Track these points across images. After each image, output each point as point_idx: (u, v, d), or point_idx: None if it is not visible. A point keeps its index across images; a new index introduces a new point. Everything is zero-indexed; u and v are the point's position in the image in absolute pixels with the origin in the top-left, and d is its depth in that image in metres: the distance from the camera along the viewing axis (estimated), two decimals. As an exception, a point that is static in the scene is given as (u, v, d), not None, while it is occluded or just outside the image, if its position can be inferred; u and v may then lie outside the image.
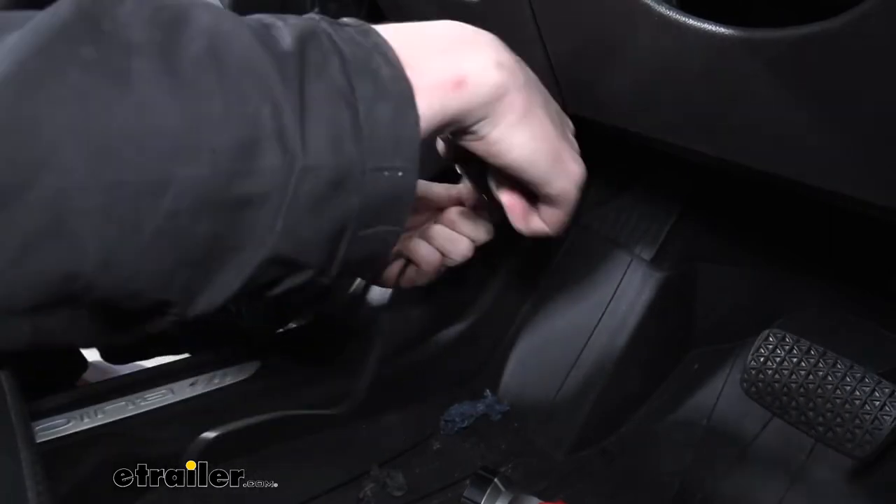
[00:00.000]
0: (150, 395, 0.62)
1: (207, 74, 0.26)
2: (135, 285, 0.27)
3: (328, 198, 0.29)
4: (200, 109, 0.26)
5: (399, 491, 0.60)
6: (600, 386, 0.68)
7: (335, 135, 0.28)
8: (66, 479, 0.54)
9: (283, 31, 0.29)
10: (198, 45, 0.26)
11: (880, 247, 0.66)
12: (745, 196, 0.67)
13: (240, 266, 0.28)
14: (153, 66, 0.25)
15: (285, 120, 0.27)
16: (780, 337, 0.58)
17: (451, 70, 0.33)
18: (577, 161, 0.41)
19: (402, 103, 0.30)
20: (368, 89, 0.29)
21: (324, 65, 0.29)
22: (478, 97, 0.34)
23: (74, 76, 0.24)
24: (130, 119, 0.24)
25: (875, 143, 0.35)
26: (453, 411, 0.69)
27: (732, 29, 0.36)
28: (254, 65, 0.27)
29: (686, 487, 0.62)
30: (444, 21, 0.36)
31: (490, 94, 0.35)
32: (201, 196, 0.26)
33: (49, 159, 0.23)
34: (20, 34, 0.24)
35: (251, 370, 0.68)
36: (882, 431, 0.52)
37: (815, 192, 0.42)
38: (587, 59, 0.49)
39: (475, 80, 0.34)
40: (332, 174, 0.28)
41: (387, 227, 0.31)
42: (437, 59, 0.33)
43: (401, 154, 0.30)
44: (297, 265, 0.30)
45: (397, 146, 0.30)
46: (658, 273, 0.70)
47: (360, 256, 0.32)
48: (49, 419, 0.58)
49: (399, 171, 0.30)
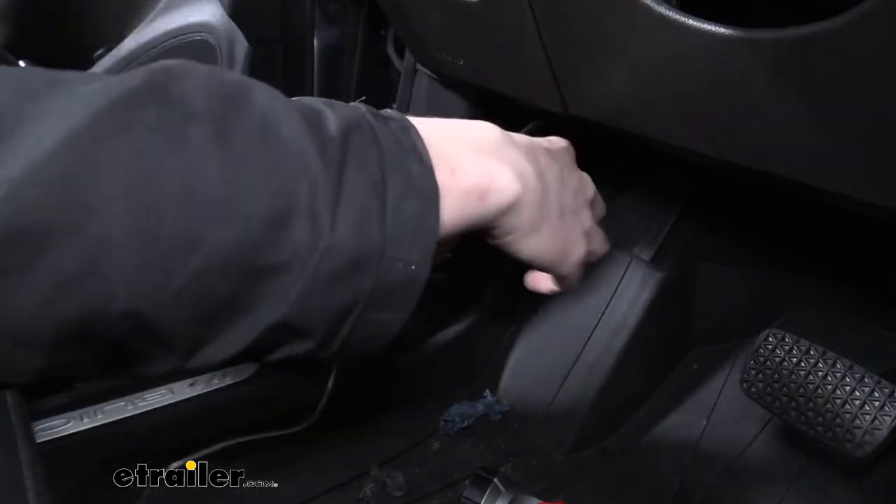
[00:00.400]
0: (149, 395, 0.62)
1: (255, 147, 0.28)
2: (151, 333, 0.28)
3: (345, 277, 0.30)
4: (244, 178, 0.28)
5: (399, 491, 0.60)
6: (600, 386, 0.68)
7: (362, 220, 0.30)
8: (66, 478, 0.54)
9: (331, 120, 0.31)
10: (252, 120, 0.29)
11: (880, 247, 0.66)
12: (744, 196, 0.67)
13: (248, 328, 0.29)
14: (208, 133, 0.27)
15: (320, 198, 0.29)
16: (779, 337, 0.58)
17: (478, 178, 0.35)
18: (581, 243, 0.43)
19: (427, 202, 0.33)
20: (399, 184, 0.31)
21: (363, 155, 0.31)
22: (497, 208, 0.37)
23: (137, 135, 0.26)
24: (178, 179, 0.26)
25: (875, 143, 0.35)
26: (453, 411, 0.69)
27: (732, 29, 0.36)
28: (300, 144, 0.29)
29: (686, 487, 0.62)
30: (479, 122, 0.39)
31: (508, 205, 0.37)
32: (229, 259, 0.28)
33: (100, 208, 0.25)
34: (92, 90, 0.27)
35: (250, 370, 0.68)
36: (881, 431, 0.52)
37: (815, 193, 0.42)
38: (587, 60, 0.49)
39: (498, 191, 0.36)
40: (352, 256, 0.30)
41: (392, 314, 0.33)
42: (467, 163, 0.35)
43: (417, 249, 0.32)
44: (301, 334, 0.31)
45: (416, 241, 0.32)
46: (658, 273, 0.70)
47: (362, 338, 0.33)
48: (49, 419, 0.58)
49: (413, 264, 0.32)
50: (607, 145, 0.66)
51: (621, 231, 0.73)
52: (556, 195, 0.42)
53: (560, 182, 0.42)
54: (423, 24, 0.63)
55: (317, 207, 0.29)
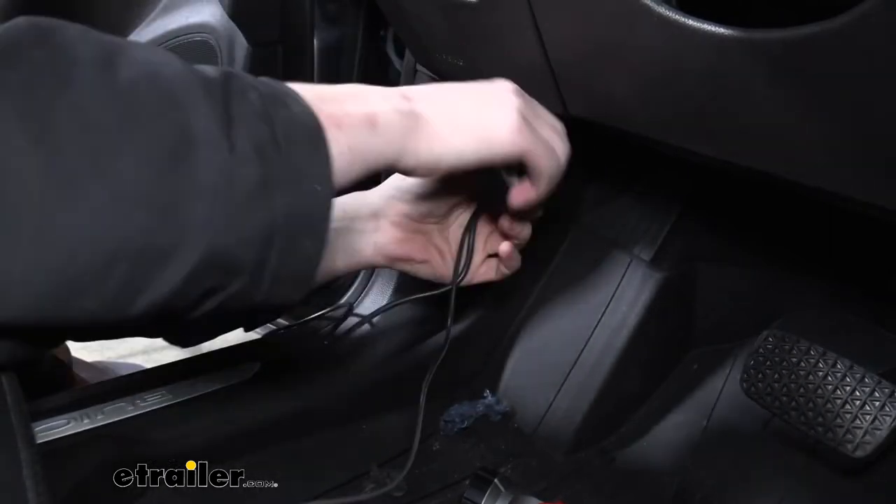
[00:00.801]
0: (150, 396, 0.62)
1: (142, 85, 0.30)
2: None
3: (256, 198, 0.32)
4: (136, 110, 0.29)
5: (399, 491, 0.60)
6: (600, 386, 0.68)
7: (258, 145, 0.32)
8: (67, 479, 0.54)
9: (208, 68, 0.34)
10: (134, 64, 0.30)
11: (880, 247, 0.66)
12: (744, 196, 0.67)
13: (177, 266, 0.30)
14: (94, 73, 0.29)
15: (213, 126, 0.31)
16: (779, 337, 0.58)
17: (361, 109, 0.38)
18: (507, 118, 0.43)
19: (313, 130, 0.35)
20: (284, 117, 0.33)
21: (244, 93, 0.33)
22: (393, 131, 0.38)
23: (24, 69, 0.27)
24: (66, 115, 0.27)
25: (875, 143, 0.35)
26: (453, 412, 0.69)
27: (732, 29, 0.36)
28: (184, 82, 0.31)
29: (685, 488, 0.62)
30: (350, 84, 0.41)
31: (403, 124, 0.39)
32: (140, 195, 0.29)
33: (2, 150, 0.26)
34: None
35: (251, 371, 0.68)
36: (882, 432, 0.52)
37: (814, 193, 0.42)
38: (587, 60, 0.49)
39: (386, 118, 0.38)
40: (257, 177, 0.32)
41: (310, 243, 0.35)
42: (347, 103, 0.38)
43: (317, 170, 0.34)
44: (230, 269, 0.32)
45: (313, 162, 0.34)
46: (658, 273, 0.70)
47: (289, 272, 0.35)
48: (49, 419, 0.58)
49: (317, 184, 0.34)
50: (607, 146, 0.66)
51: (621, 231, 0.73)
52: (457, 93, 0.43)
53: (460, 84, 0.44)
54: (423, 24, 0.63)
55: (212, 133, 0.31)
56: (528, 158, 0.44)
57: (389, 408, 0.70)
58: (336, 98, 0.37)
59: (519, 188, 0.48)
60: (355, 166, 0.37)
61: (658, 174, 0.76)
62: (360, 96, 0.39)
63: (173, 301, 0.31)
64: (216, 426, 0.61)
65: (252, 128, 0.32)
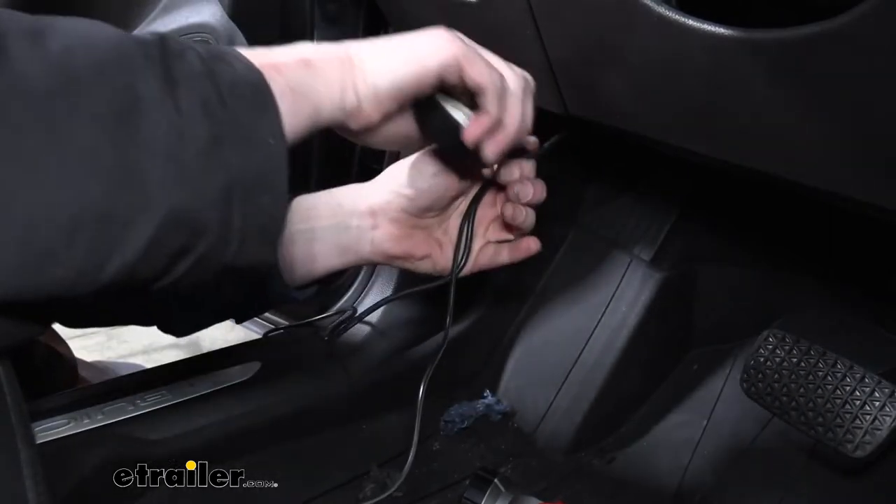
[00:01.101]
0: (150, 396, 0.62)
1: (79, 53, 0.30)
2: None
3: (210, 154, 0.32)
4: (75, 79, 0.29)
5: (399, 491, 0.60)
6: (600, 386, 0.68)
7: (204, 103, 0.32)
8: (67, 479, 0.54)
9: (142, 34, 0.34)
10: (66, 36, 0.30)
11: (880, 247, 0.66)
12: (744, 197, 0.67)
13: (141, 227, 0.31)
14: (25, 46, 0.29)
15: (156, 88, 0.31)
16: (779, 337, 0.58)
17: (294, 54, 0.39)
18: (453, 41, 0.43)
19: (258, 85, 0.35)
20: (226, 72, 0.34)
21: (182, 53, 0.33)
22: (330, 70, 0.39)
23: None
24: (5, 89, 0.28)
25: (874, 143, 0.35)
26: (453, 412, 0.69)
27: (731, 29, 0.36)
28: (121, 47, 0.32)
29: (685, 488, 0.62)
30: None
31: (338, 63, 0.40)
32: (96, 162, 0.29)
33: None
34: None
35: (251, 371, 0.68)
36: (882, 432, 0.52)
37: (814, 193, 0.42)
38: (587, 59, 0.49)
39: (320, 59, 0.39)
40: (208, 132, 0.32)
41: (270, 197, 0.35)
42: (285, 54, 0.38)
43: (267, 121, 0.34)
44: (195, 228, 0.33)
45: (262, 115, 0.34)
46: (658, 273, 0.70)
47: (254, 229, 0.35)
48: (50, 419, 0.58)
49: (269, 136, 0.34)
50: (607, 146, 0.66)
51: (621, 231, 0.73)
52: (391, 42, 0.43)
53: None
54: (422, 23, 0.63)
55: (156, 95, 0.31)
56: (463, 69, 0.42)
57: (389, 408, 0.70)
58: (273, 51, 0.38)
59: (473, 121, 0.44)
60: (302, 111, 0.38)
61: (658, 175, 0.76)
62: (296, 47, 0.40)
63: (143, 265, 0.32)
64: (216, 426, 0.61)
65: (196, 87, 0.32)
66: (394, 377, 0.71)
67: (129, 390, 0.62)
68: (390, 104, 0.42)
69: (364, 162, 0.93)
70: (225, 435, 0.60)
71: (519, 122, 0.44)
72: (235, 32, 0.86)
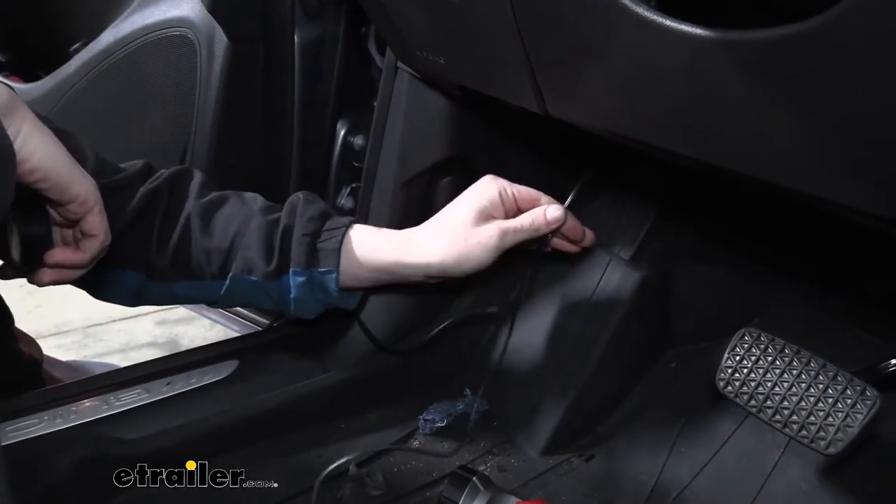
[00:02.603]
0: (124, 395, 0.62)
1: None
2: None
3: None
4: None
5: (378, 490, 0.60)
6: (579, 385, 0.68)
7: None
8: (39, 479, 0.53)
9: None
10: None
11: (854, 248, 0.67)
12: (722, 197, 0.68)
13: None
14: None
15: None
16: (755, 336, 0.59)
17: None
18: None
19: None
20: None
21: None
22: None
23: None
24: None
25: (849, 145, 0.36)
26: (433, 410, 0.69)
27: (709, 30, 0.36)
28: None
29: (662, 485, 0.63)
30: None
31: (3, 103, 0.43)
32: None
33: None
34: None
35: (229, 369, 0.68)
36: (853, 429, 0.52)
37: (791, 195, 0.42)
38: (567, 59, 0.49)
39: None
40: None
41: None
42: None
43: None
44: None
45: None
46: (636, 272, 0.71)
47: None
48: (21, 419, 0.57)
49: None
50: (587, 146, 0.66)
51: (601, 230, 0.74)
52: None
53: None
54: (404, 21, 0.63)
55: None
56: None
57: (368, 406, 0.70)
58: None
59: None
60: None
61: (638, 175, 0.76)
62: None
63: None
64: (193, 425, 0.60)
65: None
66: (373, 375, 0.71)
67: (103, 389, 0.62)
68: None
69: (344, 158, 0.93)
70: (201, 433, 0.60)
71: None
72: (215, 27, 0.86)
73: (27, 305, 1.92)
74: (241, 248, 0.62)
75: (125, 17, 0.94)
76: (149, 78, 0.91)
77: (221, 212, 0.63)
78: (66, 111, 0.96)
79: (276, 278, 0.62)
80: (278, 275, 0.62)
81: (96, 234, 0.52)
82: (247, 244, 0.62)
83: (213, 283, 0.63)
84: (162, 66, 0.89)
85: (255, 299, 0.64)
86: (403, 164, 0.73)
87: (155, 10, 0.91)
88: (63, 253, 0.52)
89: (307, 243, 0.62)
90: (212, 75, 0.86)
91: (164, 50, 0.89)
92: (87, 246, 0.53)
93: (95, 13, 1.01)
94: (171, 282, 0.63)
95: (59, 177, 0.47)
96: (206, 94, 0.87)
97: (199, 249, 0.62)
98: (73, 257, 0.52)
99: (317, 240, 0.62)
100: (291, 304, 0.63)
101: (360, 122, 0.92)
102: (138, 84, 0.92)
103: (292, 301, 0.63)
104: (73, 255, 0.52)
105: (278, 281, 0.62)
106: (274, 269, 0.62)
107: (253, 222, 0.63)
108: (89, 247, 0.53)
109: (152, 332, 1.93)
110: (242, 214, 0.63)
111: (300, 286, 0.62)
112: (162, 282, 0.63)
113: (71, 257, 0.52)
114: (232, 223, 0.63)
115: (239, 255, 0.62)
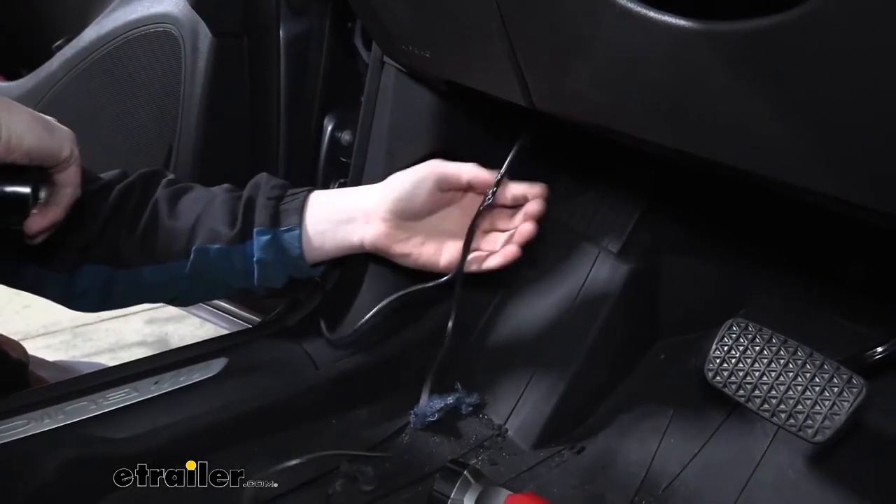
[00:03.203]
0: (112, 394, 0.61)
1: None
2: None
3: None
4: None
5: (369, 485, 0.60)
6: (569, 377, 0.69)
7: None
8: (27, 481, 0.52)
9: None
10: None
11: (840, 239, 0.68)
12: (709, 189, 0.68)
13: None
14: None
15: None
16: (743, 326, 0.59)
17: None
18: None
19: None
20: None
21: None
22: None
23: None
24: None
25: (831, 134, 0.36)
26: (423, 404, 0.69)
27: (692, 21, 0.36)
28: None
29: (653, 475, 0.63)
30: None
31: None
32: None
33: None
34: None
35: (218, 367, 0.67)
36: (840, 417, 0.53)
37: (777, 185, 0.42)
38: (552, 52, 0.49)
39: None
40: None
41: None
42: None
43: None
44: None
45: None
46: (625, 265, 0.71)
47: None
48: (7, 420, 0.56)
49: None
50: (575, 139, 0.66)
51: (589, 223, 0.74)
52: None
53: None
54: (389, 15, 0.63)
55: None
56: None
57: (359, 402, 0.70)
58: None
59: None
60: None
61: (625, 168, 0.76)
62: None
63: None
64: (182, 423, 0.60)
65: None
66: (363, 371, 0.71)
67: (91, 389, 0.61)
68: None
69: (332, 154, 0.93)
70: (190, 432, 0.59)
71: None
72: (199, 23, 0.85)
73: (15, 306, 1.91)
74: (206, 222, 0.64)
75: (108, 14, 0.93)
76: (132, 75, 0.90)
77: (188, 196, 0.66)
78: (50, 109, 0.95)
79: (240, 241, 0.63)
80: (241, 238, 0.63)
81: (70, 185, 0.55)
82: (210, 216, 0.64)
83: (178, 263, 0.64)
84: (146, 62, 0.89)
85: (221, 272, 0.64)
86: (391, 159, 0.73)
87: (138, 7, 0.90)
88: (39, 221, 0.54)
89: (271, 206, 0.64)
90: (196, 71, 0.85)
91: (147, 46, 0.88)
92: (60, 199, 0.55)
93: (78, 10, 1.00)
94: (137, 267, 0.64)
95: (39, 152, 0.50)
96: (190, 90, 0.86)
97: (166, 231, 0.64)
98: (50, 217, 0.55)
99: (280, 203, 0.65)
100: (255, 269, 0.64)
101: (347, 117, 0.92)
102: (122, 81, 0.91)
103: (256, 265, 0.63)
104: (46, 218, 0.55)
105: (242, 245, 0.63)
106: (237, 233, 0.63)
107: (217, 199, 0.65)
108: (62, 199, 0.55)
109: (142, 331, 1.92)
110: (208, 196, 0.66)
111: (264, 246, 0.63)
112: (128, 269, 0.64)
113: (50, 218, 0.55)
114: (198, 203, 0.65)
115: (203, 228, 0.64)
